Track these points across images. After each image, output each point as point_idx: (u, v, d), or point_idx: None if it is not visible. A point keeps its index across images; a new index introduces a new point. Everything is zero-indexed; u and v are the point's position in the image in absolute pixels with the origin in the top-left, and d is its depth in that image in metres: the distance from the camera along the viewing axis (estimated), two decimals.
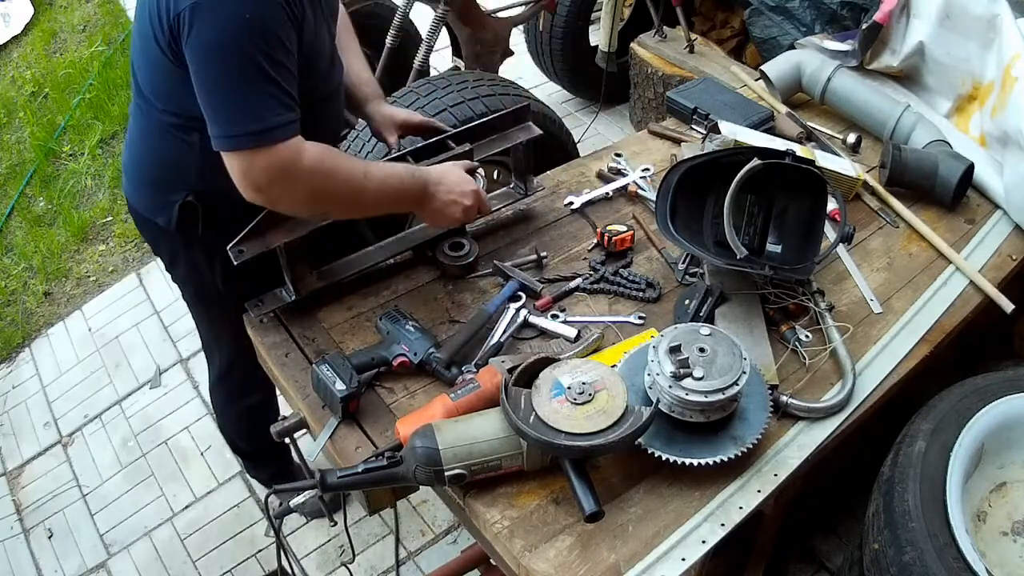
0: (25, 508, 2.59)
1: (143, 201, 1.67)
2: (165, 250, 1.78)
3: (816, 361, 1.55)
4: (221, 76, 1.29)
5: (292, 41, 1.34)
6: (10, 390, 2.97)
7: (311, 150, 1.36)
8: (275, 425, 1.48)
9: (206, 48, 1.27)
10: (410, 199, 1.53)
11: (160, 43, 1.35)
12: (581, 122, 3.62)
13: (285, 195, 1.38)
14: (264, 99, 1.30)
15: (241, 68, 1.28)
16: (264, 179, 1.33)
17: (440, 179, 1.55)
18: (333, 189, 1.41)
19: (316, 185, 1.38)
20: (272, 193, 1.36)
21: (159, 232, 1.68)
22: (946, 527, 1.31)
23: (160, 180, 1.60)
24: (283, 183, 1.35)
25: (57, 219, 3.57)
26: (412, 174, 1.52)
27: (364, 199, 1.47)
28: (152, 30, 1.35)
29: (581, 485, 1.24)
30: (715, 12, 3.49)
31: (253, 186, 1.34)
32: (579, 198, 1.89)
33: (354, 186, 1.43)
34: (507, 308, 1.61)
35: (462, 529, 2.30)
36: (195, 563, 2.36)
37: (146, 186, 1.65)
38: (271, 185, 1.34)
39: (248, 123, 1.29)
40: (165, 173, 1.58)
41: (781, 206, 1.64)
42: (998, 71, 2.00)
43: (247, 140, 1.30)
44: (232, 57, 1.27)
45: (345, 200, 1.46)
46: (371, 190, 1.45)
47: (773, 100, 2.27)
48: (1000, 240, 1.89)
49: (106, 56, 4.39)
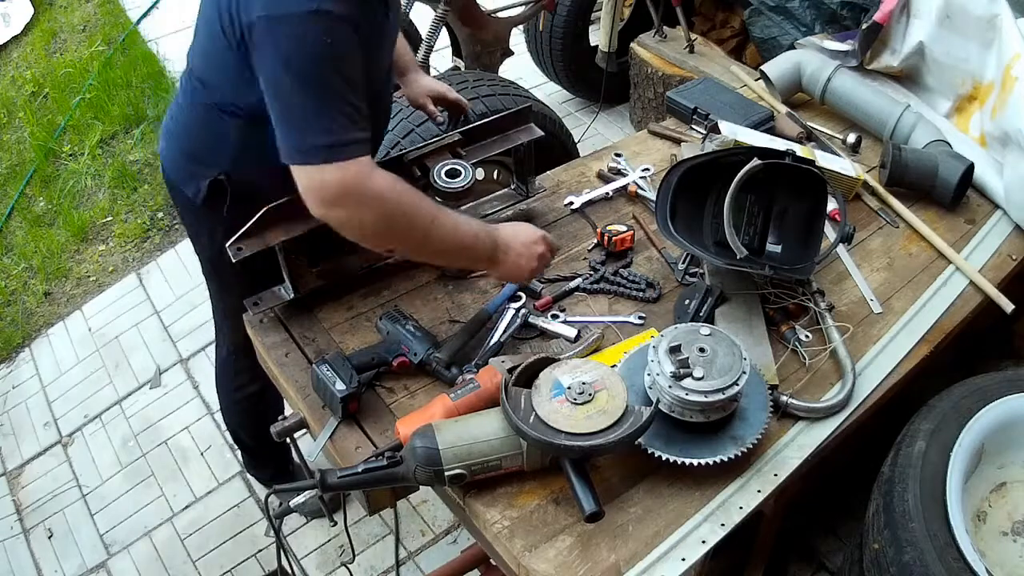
0: (25, 508, 2.59)
1: (176, 170, 1.69)
2: (189, 221, 1.81)
3: (816, 361, 1.55)
4: (296, 90, 1.28)
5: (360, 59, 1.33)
6: (10, 390, 2.96)
7: (382, 174, 1.34)
8: (275, 425, 1.48)
9: (282, 62, 1.27)
10: (480, 255, 1.48)
11: (229, 39, 1.36)
12: (581, 122, 3.62)
13: (352, 216, 1.34)
14: (337, 116, 1.29)
15: (318, 83, 1.27)
16: (332, 195, 1.31)
17: (512, 238, 1.50)
18: (400, 218, 1.37)
19: (385, 211, 1.35)
20: (339, 212, 1.33)
21: (186, 202, 1.69)
22: (946, 527, 1.31)
23: (196, 154, 1.62)
24: (351, 202, 1.32)
25: (57, 219, 3.57)
26: (485, 229, 1.48)
27: (432, 239, 1.42)
28: (221, 25, 1.36)
29: (581, 485, 1.24)
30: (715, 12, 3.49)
31: (321, 202, 1.32)
32: (579, 198, 1.89)
33: (423, 223, 1.39)
34: (507, 308, 1.61)
35: (462, 529, 2.30)
36: (195, 563, 2.36)
37: (182, 156, 1.67)
38: (339, 202, 1.32)
39: (321, 137, 1.28)
40: (202, 149, 1.61)
41: (781, 206, 1.64)
42: (998, 71, 2.00)
43: (319, 154, 1.28)
44: (310, 73, 1.27)
45: (411, 235, 1.40)
46: (440, 234, 1.41)
47: (773, 100, 2.27)
48: (1000, 240, 1.89)
49: (106, 56, 4.38)
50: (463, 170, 1.68)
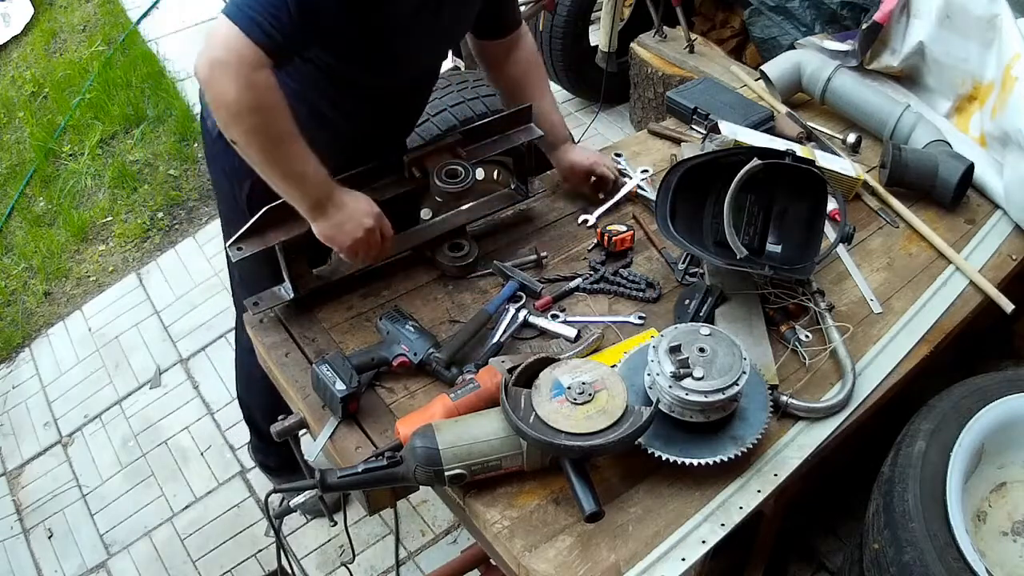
0: (25, 508, 2.59)
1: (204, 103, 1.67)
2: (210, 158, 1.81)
3: (816, 361, 1.55)
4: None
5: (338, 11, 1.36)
6: (10, 390, 2.97)
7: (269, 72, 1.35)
8: (275, 425, 1.49)
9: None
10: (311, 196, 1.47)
11: None
12: (581, 122, 3.62)
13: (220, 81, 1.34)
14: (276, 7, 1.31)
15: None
16: (216, 52, 1.33)
17: (348, 203, 1.50)
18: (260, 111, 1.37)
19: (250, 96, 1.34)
20: (212, 71, 1.34)
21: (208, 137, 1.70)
22: (946, 527, 1.31)
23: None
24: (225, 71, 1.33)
25: (57, 219, 3.57)
26: (328, 180, 1.47)
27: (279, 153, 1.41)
28: None
29: (581, 485, 1.24)
30: (715, 12, 3.49)
31: (207, 51, 1.33)
32: (592, 215, 1.87)
33: (277, 131, 1.39)
34: (507, 308, 1.61)
35: (462, 529, 2.30)
36: (195, 563, 2.36)
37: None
38: (215, 64, 1.33)
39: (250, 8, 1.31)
40: None
41: (781, 206, 1.64)
42: (998, 71, 2.00)
43: (239, 15, 1.31)
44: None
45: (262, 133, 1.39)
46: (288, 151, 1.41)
47: (773, 100, 2.27)
48: (1000, 240, 1.89)
49: (106, 56, 4.38)
50: (463, 170, 1.67)
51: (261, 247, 1.50)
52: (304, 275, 1.63)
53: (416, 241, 1.75)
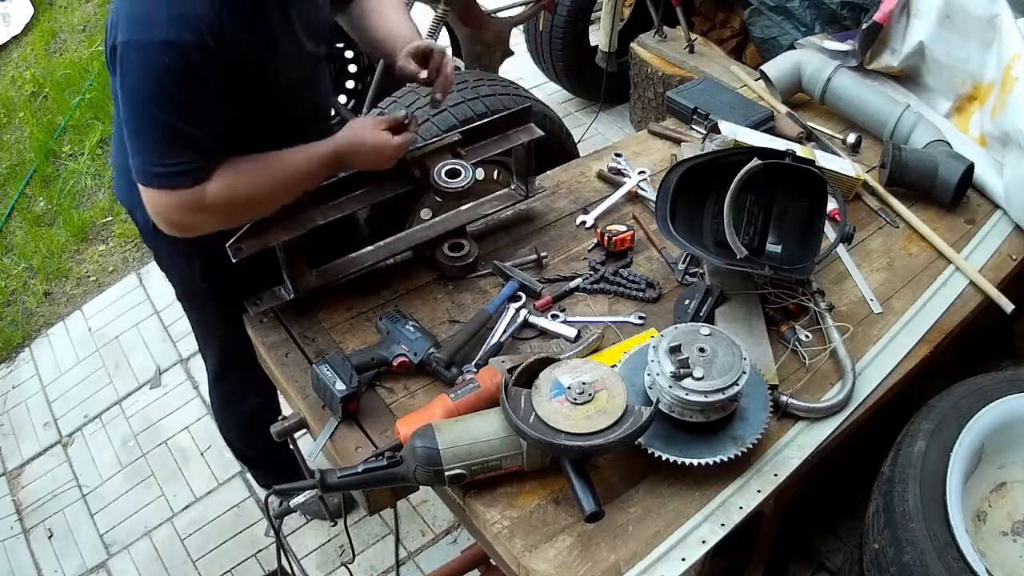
0: (25, 508, 2.59)
1: (126, 197, 1.68)
2: (151, 246, 1.81)
3: (816, 361, 1.55)
4: (135, 118, 1.35)
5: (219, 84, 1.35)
6: (10, 390, 2.96)
7: (213, 186, 1.39)
8: (275, 425, 1.48)
9: (125, 88, 1.32)
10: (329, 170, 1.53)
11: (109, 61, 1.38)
12: (581, 122, 3.62)
13: (197, 227, 1.44)
14: (171, 146, 1.34)
15: (152, 116, 1.33)
16: (172, 216, 1.40)
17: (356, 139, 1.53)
18: (245, 205, 1.46)
19: (226, 211, 1.44)
20: (183, 228, 1.43)
21: (144, 230, 1.69)
22: (946, 527, 1.31)
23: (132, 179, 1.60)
24: (191, 218, 1.41)
25: (57, 219, 3.57)
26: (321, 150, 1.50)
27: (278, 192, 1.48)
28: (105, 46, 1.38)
29: (581, 485, 1.24)
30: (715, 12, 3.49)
31: (164, 221, 1.41)
32: (590, 215, 1.87)
33: (264, 191, 1.46)
34: (507, 308, 1.61)
35: (462, 529, 2.30)
36: (195, 563, 2.36)
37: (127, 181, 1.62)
38: (180, 223, 1.41)
39: (155, 165, 1.35)
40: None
41: (781, 206, 1.64)
42: (998, 71, 2.00)
43: (153, 180, 1.36)
44: (145, 104, 1.32)
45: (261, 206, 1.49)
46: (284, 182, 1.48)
47: (773, 100, 2.27)
48: (1000, 240, 1.89)
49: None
50: (463, 170, 1.67)
51: (261, 247, 1.50)
52: (303, 275, 1.63)
53: (416, 241, 1.75)
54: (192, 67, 1.30)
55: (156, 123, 1.33)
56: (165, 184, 1.36)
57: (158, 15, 1.28)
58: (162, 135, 1.34)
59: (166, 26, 1.27)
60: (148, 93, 1.31)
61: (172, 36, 1.28)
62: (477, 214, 1.82)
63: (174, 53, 1.28)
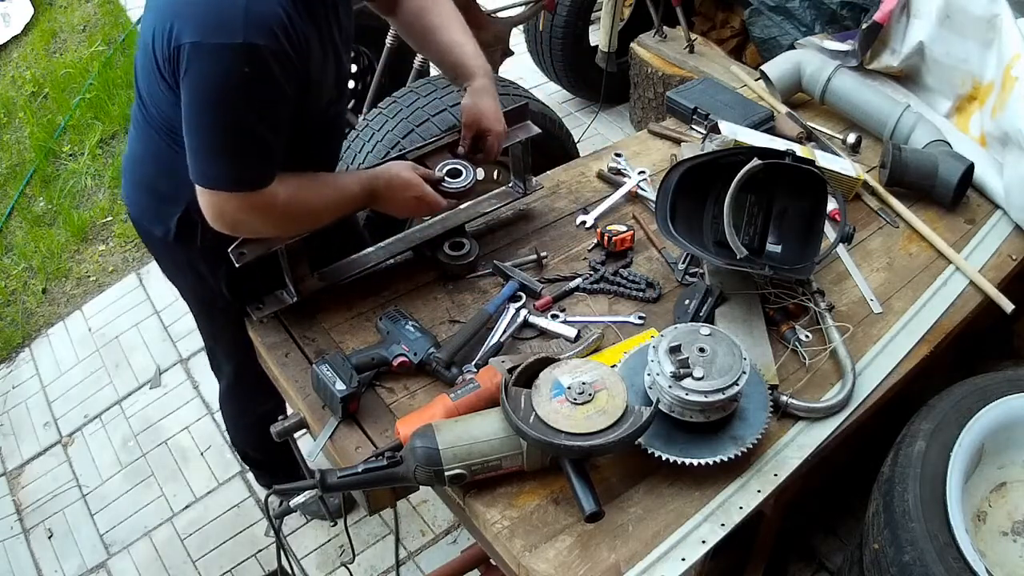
0: (25, 508, 2.59)
1: (141, 209, 1.65)
2: (167, 262, 1.78)
3: (816, 361, 1.55)
4: (209, 122, 1.31)
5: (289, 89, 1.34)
6: (10, 390, 2.96)
7: (283, 193, 1.40)
8: (275, 425, 1.48)
9: (196, 90, 1.29)
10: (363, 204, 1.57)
11: (159, 63, 1.34)
12: (581, 122, 3.62)
13: (257, 229, 1.46)
14: (248, 150, 1.34)
15: (230, 120, 1.30)
16: (234, 218, 1.39)
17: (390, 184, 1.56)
18: (305, 214, 1.49)
19: (290, 216, 1.46)
20: (238, 229, 1.44)
21: (158, 243, 1.66)
22: (946, 527, 1.31)
23: (159, 190, 1.58)
24: (252, 222, 1.42)
25: (57, 219, 3.57)
26: (363, 183, 1.54)
27: (324, 215, 1.52)
28: (152, 48, 1.33)
29: (581, 485, 1.24)
30: (715, 12, 3.49)
31: (221, 222, 1.40)
32: (590, 215, 1.87)
33: (317, 209, 1.50)
34: (507, 308, 1.61)
35: (462, 529, 2.30)
36: (195, 563, 2.36)
37: (145, 194, 1.63)
38: (240, 224, 1.42)
39: (228, 170, 1.34)
40: (164, 183, 1.56)
41: (781, 206, 1.64)
42: (998, 71, 2.00)
43: (225, 183, 1.35)
44: (219, 107, 1.29)
45: (305, 224, 1.52)
46: (332, 206, 1.51)
47: (773, 100, 2.27)
48: (1000, 240, 1.89)
49: (106, 56, 4.38)
50: (464, 170, 1.67)
51: (264, 251, 1.50)
52: (305, 278, 1.63)
53: (416, 241, 1.75)
54: (269, 71, 1.28)
55: (231, 125, 1.31)
56: (236, 187, 1.35)
57: (233, 17, 1.24)
58: (237, 138, 1.32)
59: (243, 29, 1.24)
60: (223, 96, 1.28)
61: (251, 39, 1.24)
62: (476, 212, 1.82)
63: (252, 56, 1.25)
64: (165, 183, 1.55)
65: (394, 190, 1.56)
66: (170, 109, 1.38)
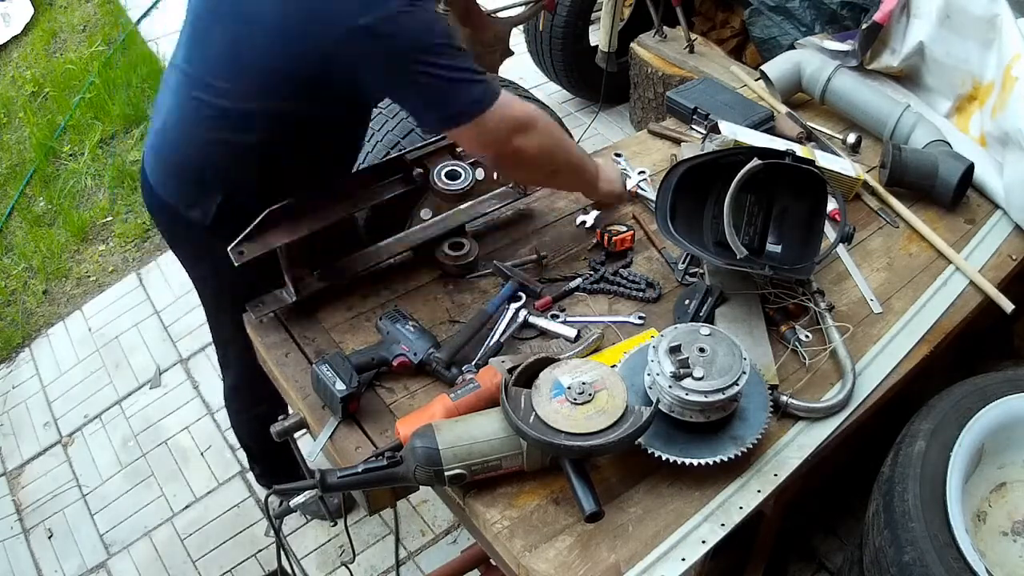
0: (25, 508, 2.59)
1: (175, 192, 1.62)
2: (189, 246, 1.76)
3: (816, 361, 1.55)
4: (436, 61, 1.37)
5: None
6: (10, 390, 2.96)
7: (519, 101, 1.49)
8: (275, 425, 1.49)
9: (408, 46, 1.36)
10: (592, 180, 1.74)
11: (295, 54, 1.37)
12: (581, 122, 3.62)
13: (523, 144, 1.50)
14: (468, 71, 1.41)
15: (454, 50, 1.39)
16: (500, 134, 1.46)
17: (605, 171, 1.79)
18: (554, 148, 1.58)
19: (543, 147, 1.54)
20: (511, 145, 1.48)
21: (187, 226, 1.63)
22: (946, 527, 1.31)
23: (203, 174, 1.56)
24: (515, 132, 1.48)
25: (57, 219, 3.57)
26: (596, 166, 1.76)
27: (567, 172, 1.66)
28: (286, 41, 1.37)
29: (581, 485, 1.24)
30: (715, 12, 3.49)
31: (495, 145, 1.47)
32: (590, 215, 1.86)
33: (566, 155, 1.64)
34: (507, 308, 1.61)
35: (462, 529, 2.30)
36: (195, 563, 2.36)
37: (183, 177, 1.60)
38: (509, 137, 1.47)
39: (474, 91, 1.41)
40: (211, 168, 1.55)
41: (781, 206, 1.64)
42: (998, 71, 2.00)
43: (478, 105, 1.41)
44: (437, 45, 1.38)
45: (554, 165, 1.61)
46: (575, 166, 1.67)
47: (773, 100, 2.27)
48: (1000, 240, 1.89)
49: (106, 56, 4.38)
50: (463, 171, 1.68)
51: (263, 251, 1.50)
52: (305, 278, 1.63)
53: (416, 241, 1.75)
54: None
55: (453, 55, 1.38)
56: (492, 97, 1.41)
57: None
58: (467, 58, 1.41)
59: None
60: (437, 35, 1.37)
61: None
62: (476, 212, 1.82)
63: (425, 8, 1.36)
64: (212, 167, 1.56)
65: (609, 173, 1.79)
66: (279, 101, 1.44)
